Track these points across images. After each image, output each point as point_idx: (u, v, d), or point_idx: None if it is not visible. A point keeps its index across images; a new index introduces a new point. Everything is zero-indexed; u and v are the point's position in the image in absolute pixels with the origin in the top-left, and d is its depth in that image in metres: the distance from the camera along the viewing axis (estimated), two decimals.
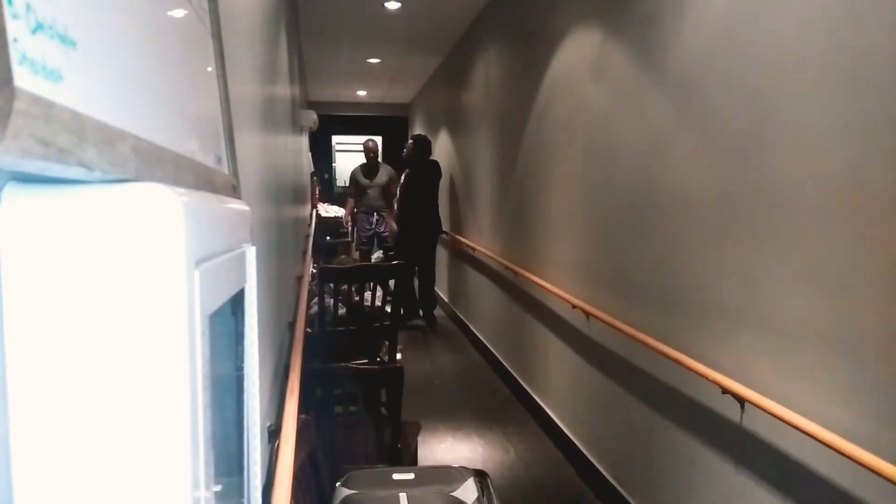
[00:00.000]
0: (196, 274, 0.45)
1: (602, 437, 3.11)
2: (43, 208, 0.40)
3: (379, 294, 3.43)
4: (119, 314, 0.41)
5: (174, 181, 0.50)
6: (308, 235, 5.62)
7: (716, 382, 2.00)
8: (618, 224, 2.86)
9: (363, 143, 7.21)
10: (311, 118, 6.41)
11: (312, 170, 9.08)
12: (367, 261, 6.78)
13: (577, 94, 3.31)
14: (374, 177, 7.05)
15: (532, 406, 4.06)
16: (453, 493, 1.70)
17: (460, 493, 1.71)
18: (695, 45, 2.21)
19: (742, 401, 1.92)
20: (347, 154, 11.45)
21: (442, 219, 6.49)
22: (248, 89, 1.58)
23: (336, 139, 11.76)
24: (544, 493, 3.18)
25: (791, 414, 1.69)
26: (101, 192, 0.41)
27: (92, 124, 0.36)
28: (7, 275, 0.40)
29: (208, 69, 0.82)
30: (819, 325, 1.67)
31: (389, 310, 3.55)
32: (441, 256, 6.79)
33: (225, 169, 0.84)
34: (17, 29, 0.29)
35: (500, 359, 4.88)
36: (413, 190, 6.22)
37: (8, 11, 0.28)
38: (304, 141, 7.09)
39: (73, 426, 0.41)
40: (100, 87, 0.40)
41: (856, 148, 1.55)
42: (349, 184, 7.32)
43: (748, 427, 1.94)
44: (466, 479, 1.76)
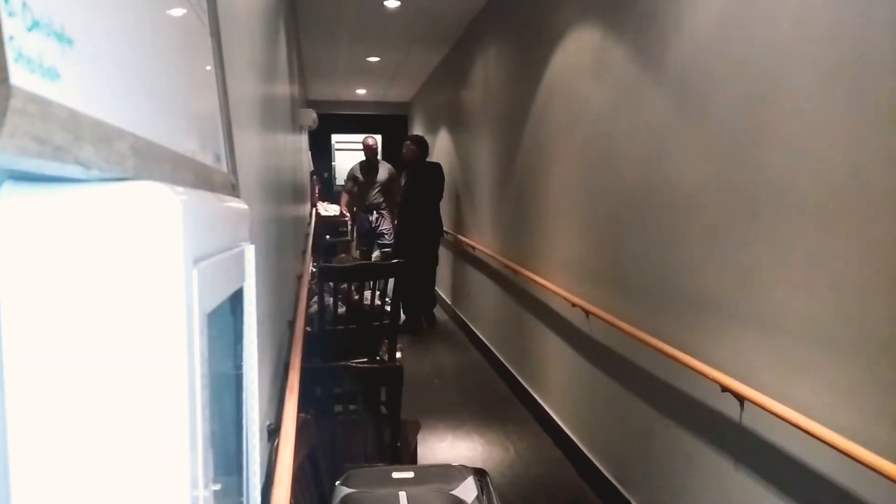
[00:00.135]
0: (194, 272, 0.45)
1: (601, 435, 3.11)
2: (40, 207, 0.40)
3: (378, 293, 3.43)
4: (117, 313, 0.41)
5: (172, 180, 0.49)
6: (308, 234, 5.61)
7: (715, 380, 2.00)
8: (617, 222, 2.85)
9: (363, 140, 7.19)
10: (311, 117, 6.40)
11: (312, 168, 9.07)
12: (368, 260, 6.77)
13: (577, 93, 3.31)
14: (374, 175, 7.02)
15: (532, 404, 4.06)
16: (453, 492, 1.70)
17: (460, 491, 1.71)
18: (693, 43, 2.21)
19: (741, 399, 1.92)
20: (347, 153, 11.44)
21: (442, 218, 6.43)
22: (247, 88, 1.58)
23: (335, 138, 11.75)
24: (544, 491, 3.18)
25: (790, 412, 1.69)
26: (98, 191, 0.41)
27: (89, 122, 0.36)
28: (4, 274, 0.40)
29: (207, 67, 0.81)
30: (818, 323, 1.67)
31: (389, 309, 3.55)
32: (441, 255, 6.77)
33: (224, 167, 0.84)
34: (13, 26, 0.29)
35: (500, 357, 4.89)
36: (414, 193, 6.11)
37: (4, 9, 0.28)
38: (303, 139, 7.08)
39: (70, 425, 0.41)
40: (97, 85, 0.39)
41: (855, 146, 1.55)
42: (347, 179, 7.27)
43: (747, 425, 1.94)
44: (466, 478, 1.76)
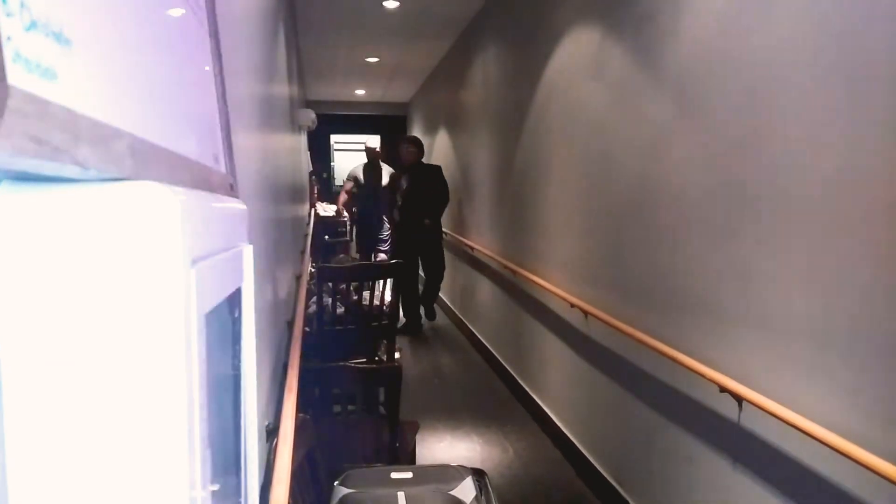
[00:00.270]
0: (192, 272, 0.45)
1: (600, 436, 3.11)
2: (38, 207, 0.40)
3: (377, 294, 3.42)
4: (114, 313, 0.41)
5: (170, 180, 0.49)
6: (307, 234, 5.61)
7: (714, 381, 2.00)
8: (616, 223, 2.86)
9: (364, 143, 7.10)
10: (310, 117, 6.40)
11: (311, 169, 9.06)
12: (367, 260, 6.75)
13: (576, 93, 3.31)
14: (377, 179, 6.88)
15: (530, 405, 4.06)
16: (451, 492, 1.70)
17: (458, 491, 1.70)
18: (692, 44, 2.21)
19: (740, 399, 1.92)
20: (346, 153, 11.45)
21: (441, 219, 6.38)
22: (245, 88, 1.58)
23: (334, 138, 11.76)
24: (543, 491, 3.18)
25: (789, 413, 1.69)
26: (96, 191, 0.41)
27: (87, 123, 0.36)
28: (2, 274, 0.39)
29: (206, 68, 0.81)
30: (818, 324, 1.67)
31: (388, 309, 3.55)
32: None
33: (222, 168, 0.84)
34: (10, 27, 0.29)
35: (499, 358, 4.88)
36: (414, 195, 6.02)
37: (2, 9, 0.28)
38: (302, 140, 7.08)
39: (67, 425, 0.40)
40: (95, 85, 0.39)
41: (855, 146, 1.55)
42: (347, 179, 7.16)
43: (746, 426, 1.95)
44: (465, 478, 1.76)
